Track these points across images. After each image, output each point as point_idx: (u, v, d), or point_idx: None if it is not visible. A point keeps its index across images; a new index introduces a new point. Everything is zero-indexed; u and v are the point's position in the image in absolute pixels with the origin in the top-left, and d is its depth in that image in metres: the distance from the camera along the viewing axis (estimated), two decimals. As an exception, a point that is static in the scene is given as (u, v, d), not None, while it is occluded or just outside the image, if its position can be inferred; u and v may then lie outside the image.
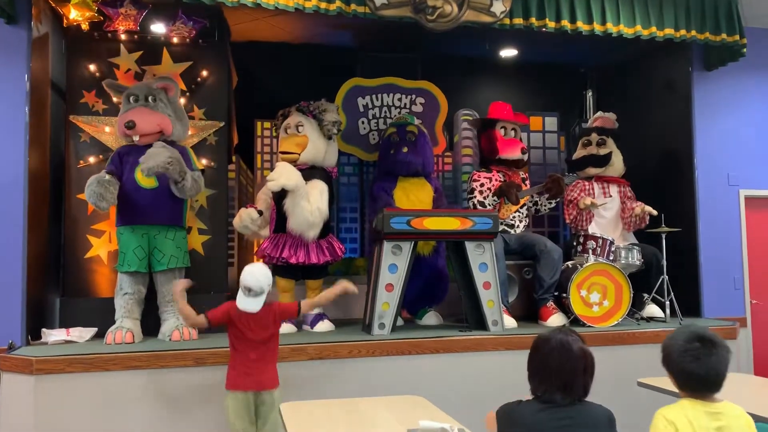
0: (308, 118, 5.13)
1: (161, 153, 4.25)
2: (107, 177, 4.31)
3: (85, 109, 4.87)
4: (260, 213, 4.93)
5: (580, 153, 5.95)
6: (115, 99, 4.77)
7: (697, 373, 2.13)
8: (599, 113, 6.48)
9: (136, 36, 4.97)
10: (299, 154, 5.02)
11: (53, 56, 4.89)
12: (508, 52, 6.52)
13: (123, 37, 4.93)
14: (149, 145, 4.42)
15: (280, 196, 4.84)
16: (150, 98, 4.56)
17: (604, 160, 5.82)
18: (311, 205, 4.77)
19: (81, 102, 4.87)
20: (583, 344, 2.28)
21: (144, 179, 4.40)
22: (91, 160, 4.85)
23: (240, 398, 3.48)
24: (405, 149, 5.33)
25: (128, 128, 4.42)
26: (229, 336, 3.60)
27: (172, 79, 4.75)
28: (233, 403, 3.49)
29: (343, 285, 3.84)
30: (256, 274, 3.47)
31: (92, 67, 4.88)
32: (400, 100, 6.13)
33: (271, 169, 5.68)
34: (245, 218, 4.86)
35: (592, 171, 5.85)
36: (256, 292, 3.46)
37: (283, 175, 4.71)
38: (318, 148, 5.10)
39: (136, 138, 4.50)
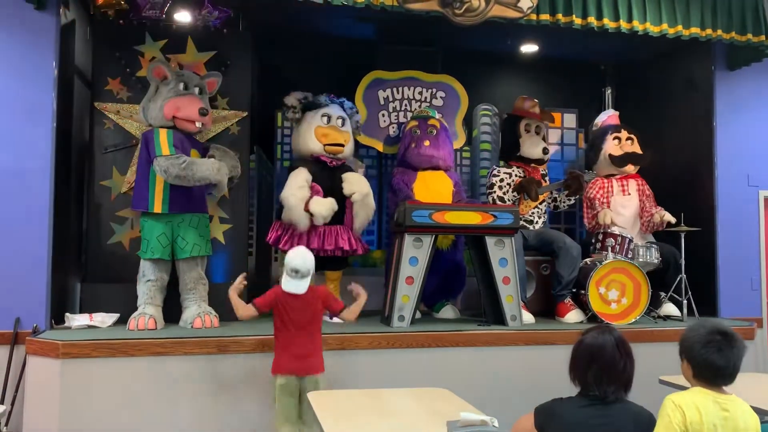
0: (346, 115, 5.20)
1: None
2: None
3: (110, 96, 4.89)
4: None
5: (613, 150, 5.89)
6: (155, 80, 4.68)
7: (718, 364, 2.20)
8: (611, 111, 6.48)
9: (161, 24, 4.98)
10: (344, 149, 5.09)
11: (79, 43, 4.92)
12: (528, 48, 6.51)
13: (148, 25, 4.95)
14: (191, 133, 4.63)
15: None
16: (197, 89, 4.68)
17: (643, 159, 5.83)
18: (372, 207, 5.11)
19: (106, 89, 4.89)
20: (624, 342, 2.31)
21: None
22: (115, 146, 4.86)
23: (286, 382, 3.58)
24: (427, 143, 5.35)
25: (202, 115, 4.52)
26: (274, 321, 3.71)
27: (219, 75, 4.88)
28: (280, 386, 3.58)
29: (363, 295, 3.99)
30: (304, 255, 3.66)
31: (117, 55, 4.90)
32: (420, 93, 6.12)
33: (291, 159, 5.73)
34: (330, 207, 4.86)
35: (631, 168, 5.84)
36: (303, 274, 3.63)
37: (364, 185, 5.05)
38: (353, 147, 5.33)
39: (199, 125, 4.58)
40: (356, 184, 5.02)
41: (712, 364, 2.21)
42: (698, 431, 2.15)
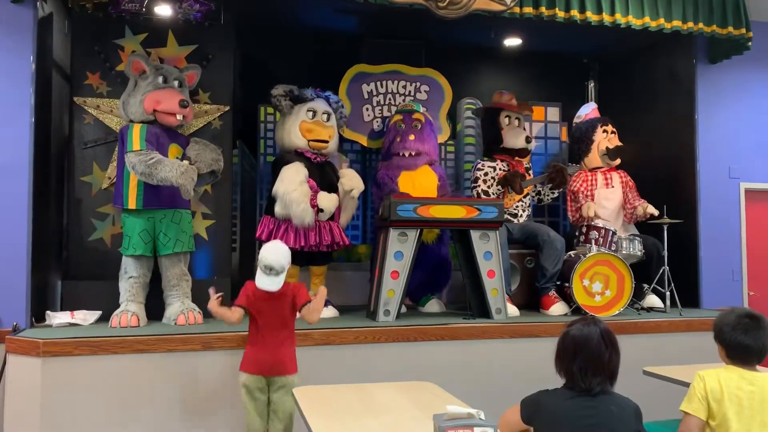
0: (331, 109, 5.18)
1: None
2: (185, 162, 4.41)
3: (89, 90, 4.82)
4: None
5: (605, 142, 5.92)
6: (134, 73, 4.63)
7: (747, 343, 2.43)
8: (593, 104, 6.51)
9: (141, 17, 4.91)
10: (328, 145, 5.07)
11: (57, 37, 4.84)
12: (511, 41, 6.51)
13: (128, 18, 4.88)
14: (171, 128, 4.58)
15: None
16: (176, 82, 4.63)
17: (629, 152, 5.90)
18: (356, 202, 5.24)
19: (85, 83, 4.82)
20: (610, 334, 2.32)
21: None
22: (95, 142, 4.80)
23: (251, 381, 3.49)
24: (411, 137, 5.34)
25: (183, 107, 4.46)
26: (249, 317, 3.61)
27: (198, 68, 4.85)
28: (244, 385, 3.50)
29: (322, 289, 3.77)
30: (277, 252, 3.47)
31: (96, 49, 4.83)
32: (404, 87, 6.10)
33: (275, 154, 5.68)
34: (336, 202, 4.91)
35: (618, 161, 5.90)
36: (276, 271, 3.46)
37: (361, 181, 5.15)
38: (337, 142, 5.32)
39: (180, 117, 4.52)
40: (355, 180, 5.09)
41: (741, 343, 2.43)
42: (718, 399, 2.38)
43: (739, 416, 2.36)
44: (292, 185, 4.74)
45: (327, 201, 4.82)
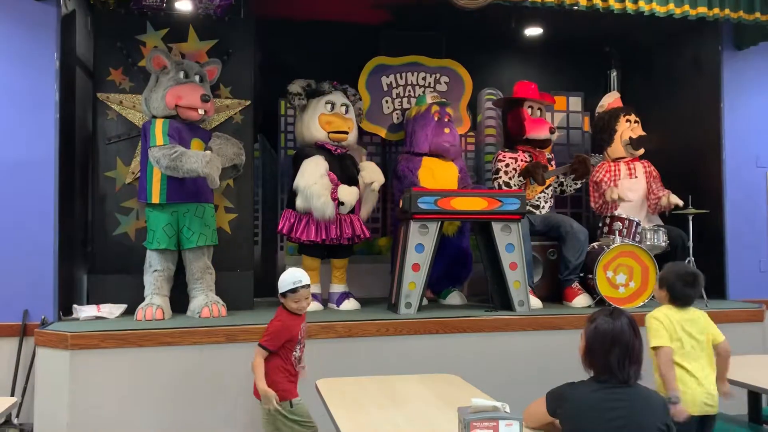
0: (350, 102, 5.18)
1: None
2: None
3: (112, 86, 4.86)
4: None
5: (629, 132, 5.85)
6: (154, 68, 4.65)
7: (689, 294, 3.10)
8: (616, 93, 6.43)
9: (162, 13, 4.94)
10: (348, 136, 5.08)
11: (80, 34, 4.89)
12: (532, 31, 6.44)
13: (149, 14, 4.91)
14: (194, 123, 4.61)
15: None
16: (197, 77, 4.65)
17: (651, 142, 5.83)
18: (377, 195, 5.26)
19: (108, 79, 4.85)
20: (635, 322, 2.31)
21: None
22: (119, 137, 4.84)
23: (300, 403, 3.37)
24: (447, 130, 5.34)
25: (205, 101, 4.48)
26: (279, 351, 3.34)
27: (219, 63, 4.86)
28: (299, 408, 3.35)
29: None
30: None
31: (118, 45, 4.86)
32: (424, 78, 6.07)
33: (295, 147, 5.69)
34: (357, 196, 4.91)
35: (642, 151, 5.83)
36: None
37: (381, 173, 5.15)
38: (356, 134, 5.32)
39: (202, 111, 4.54)
40: (375, 173, 5.09)
41: (685, 293, 3.09)
42: (671, 329, 3.04)
43: (689, 337, 3.05)
44: (312, 178, 4.75)
45: (347, 194, 4.82)
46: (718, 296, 5.50)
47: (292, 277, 3.33)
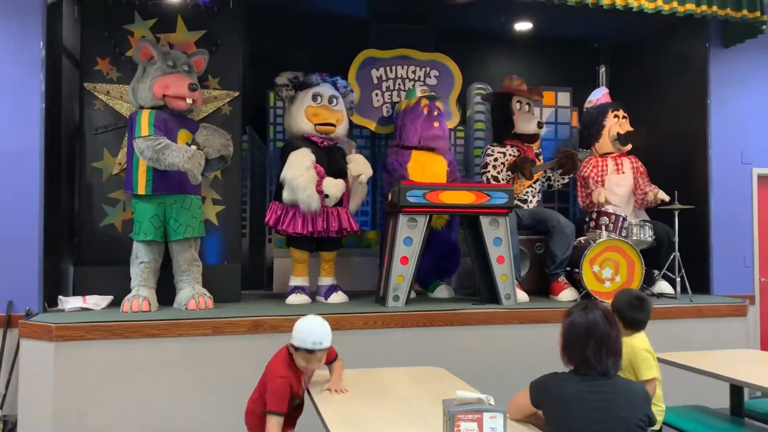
0: (339, 93, 5.16)
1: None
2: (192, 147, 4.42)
3: (99, 76, 4.82)
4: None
5: (617, 127, 5.88)
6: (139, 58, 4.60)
7: (640, 319, 3.15)
8: (604, 88, 6.45)
9: (150, 3, 4.90)
10: (336, 129, 5.06)
11: (67, 23, 4.84)
12: (522, 26, 6.45)
13: (137, 3, 4.87)
14: (182, 113, 4.59)
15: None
16: (185, 67, 4.63)
17: (640, 137, 5.86)
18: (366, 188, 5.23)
19: (95, 69, 4.81)
20: (610, 314, 2.36)
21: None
22: (105, 127, 4.80)
23: None
24: (436, 124, 5.35)
25: (192, 90, 4.46)
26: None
27: (206, 53, 4.83)
28: None
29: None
30: (322, 323, 2.85)
31: (106, 34, 4.82)
32: (414, 72, 6.06)
33: (284, 139, 5.67)
34: (342, 188, 4.90)
35: (629, 146, 5.86)
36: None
37: (369, 166, 5.14)
38: (347, 127, 5.29)
39: (189, 101, 4.52)
40: (363, 165, 5.08)
41: (638, 320, 3.15)
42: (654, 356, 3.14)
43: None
44: (298, 171, 4.74)
45: (333, 186, 4.82)
46: (702, 291, 5.56)
47: (312, 335, 2.75)
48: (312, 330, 2.76)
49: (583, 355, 2.27)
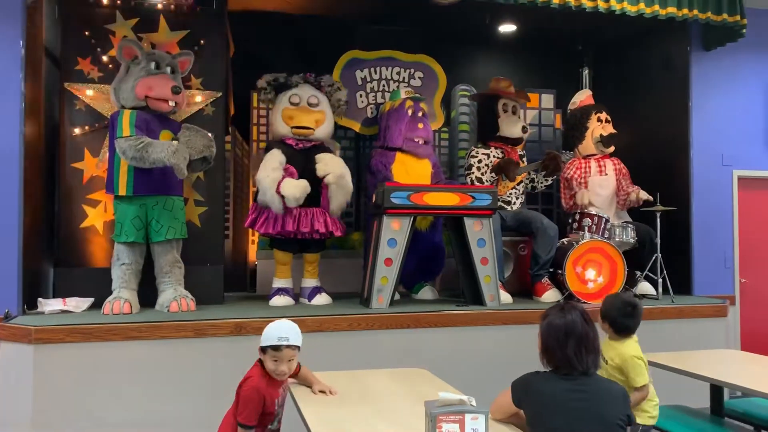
0: (321, 93, 5.12)
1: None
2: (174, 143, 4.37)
3: (80, 76, 4.77)
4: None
5: (600, 129, 5.90)
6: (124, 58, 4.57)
7: (631, 325, 3.12)
8: (588, 90, 6.49)
9: (132, 2, 4.86)
10: (314, 131, 5.02)
11: (47, 22, 4.77)
12: (506, 27, 6.48)
13: (119, 3, 4.82)
14: (164, 114, 4.55)
15: None
16: (169, 68, 4.58)
17: (621, 139, 5.90)
18: (349, 189, 4.95)
19: (76, 69, 4.76)
20: (587, 313, 2.38)
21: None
22: (86, 128, 4.75)
23: None
24: (421, 125, 5.34)
25: (175, 93, 4.42)
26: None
27: (191, 54, 4.79)
28: None
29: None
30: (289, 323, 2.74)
31: (87, 34, 4.77)
32: (398, 73, 6.06)
33: (268, 140, 5.64)
34: (302, 189, 4.71)
35: (612, 148, 5.89)
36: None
37: (339, 166, 4.88)
38: (331, 127, 5.23)
39: (172, 103, 4.49)
40: (330, 165, 4.86)
41: (627, 325, 3.12)
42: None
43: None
44: (263, 172, 4.73)
45: (291, 188, 4.66)
46: (684, 292, 5.61)
47: (277, 331, 2.63)
48: (278, 326, 2.66)
49: (564, 354, 2.28)
